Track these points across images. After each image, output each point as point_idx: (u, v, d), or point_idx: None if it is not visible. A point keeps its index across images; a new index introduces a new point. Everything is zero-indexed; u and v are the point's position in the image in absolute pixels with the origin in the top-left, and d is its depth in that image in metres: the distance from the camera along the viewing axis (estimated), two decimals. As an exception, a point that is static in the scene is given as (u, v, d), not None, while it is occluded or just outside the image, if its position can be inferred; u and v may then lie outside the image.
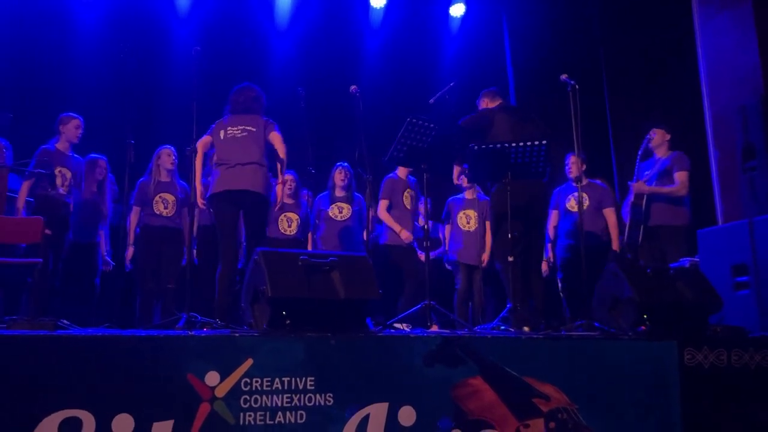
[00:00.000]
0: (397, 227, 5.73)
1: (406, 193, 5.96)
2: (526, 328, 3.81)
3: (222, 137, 4.59)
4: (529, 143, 4.09)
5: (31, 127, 5.64)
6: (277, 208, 5.33)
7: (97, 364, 2.62)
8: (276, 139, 4.63)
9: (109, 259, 5.80)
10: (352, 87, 4.79)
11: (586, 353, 3.35)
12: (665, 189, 5.51)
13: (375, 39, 8.19)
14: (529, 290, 4.48)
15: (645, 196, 5.56)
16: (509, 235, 4.17)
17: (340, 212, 6.04)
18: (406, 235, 5.73)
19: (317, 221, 6.10)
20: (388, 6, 8.07)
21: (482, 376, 3.14)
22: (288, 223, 6.00)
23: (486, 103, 4.93)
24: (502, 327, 3.83)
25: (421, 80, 7.61)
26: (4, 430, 2.47)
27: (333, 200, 6.06)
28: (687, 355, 3.44)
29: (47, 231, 5.00)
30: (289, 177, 5.94)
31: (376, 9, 8.10)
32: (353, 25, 8.14)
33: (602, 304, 3.96)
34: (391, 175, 6.04)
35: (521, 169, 4.21)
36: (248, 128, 4.58)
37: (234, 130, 4.57)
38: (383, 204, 5.86)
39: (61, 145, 5.42)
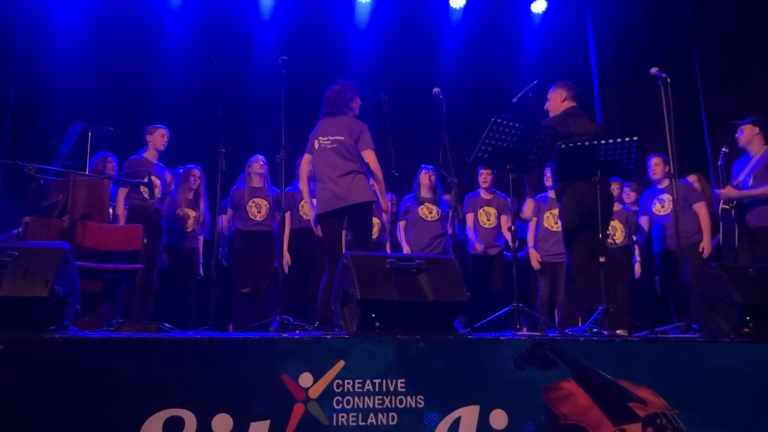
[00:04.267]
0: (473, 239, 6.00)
1: (481, 210, 6.14)
2: (619, 331, 3.70)
3: (316, 147, 4.62)
4: (619, 140, 3.97)
5: (124, 139, 5.92)
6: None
7: (197, 365, 2.73)
8: (369, 157, 4.60)
9: (201, 269, 5.99)
10: (435, 89, 4.79)
11: (685, 356, 3.22)
12: (755, 192, 5.22)
13: (455, 39, 8.16)
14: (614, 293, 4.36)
15: (734, 201, 5.29)
16: (600, 235, 4.06)
17: (430, 213, 6.08)
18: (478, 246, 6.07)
19: (403, 221, 6.16)
20: (467, 5, 8.03)
21: (575, 379, 3.07)
22: None
23: (560, 96, 4.72)
24: (595, 329, 3.72)
25: (504, 79, 7.53)
26: (113, 428, 2.61)
27: (420, 201, 6.11)
28: (795, 358, 3.25)
29: (144, 239, 5.26)
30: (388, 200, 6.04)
31: (455, 9, 8.08)
32: (433, 26, 8.15)
33: (701, 306, 3.80)
34: (472, 193, 6.27)
35: (610, 167, 4.09)
36: (338, 138, 4.55)
37: (325, 141, 4.58)
38: (468, 218, 6.20)
39: (149, 155, 5.67)
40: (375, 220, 6.05)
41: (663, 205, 5.85)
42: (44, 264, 2.92)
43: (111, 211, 5.14)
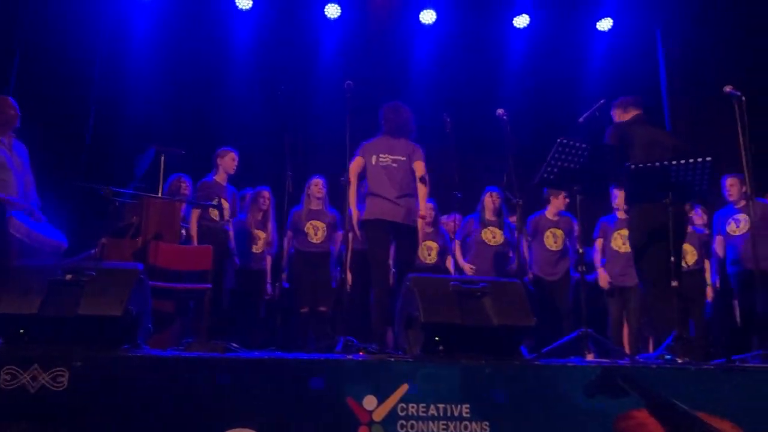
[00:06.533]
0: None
1: (548, 232, 6.00)
2: (688, 359, 3.54)
3: (374, 163, 4.67)
4: (691, 161, 3.84)
5: (197, 162, 6.11)
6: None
7: (264, 385, 2.77)
8: (419, 167, 4.66)
9: (269, 287, 6.08)
10: (499, 110, 4.76)
11: (766, 386, 3.06)
12: None
13: (520, 58, 8.11)
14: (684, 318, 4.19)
15: None
16: (672, 258, 3.92)
17: (494, 237, 6.03)
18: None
19: (460, 241, 6.12)
20: (531, 24, 7.98)
21: (648, 408, 2.96)
22: (428, 252, 6.06)
23: (619, 115, 4.63)
24: (667, 357, 3.58)
25: (570, 99, 7.41)
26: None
27: (485, 224, 6.06)
28: None
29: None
30: (429, 205, 6.01)
31: (519, 29, 8.04)
32: (497, 45, 8.12)
33: (782, 333, 3.62)
34: (536, 214, 6.19)
35: (683, 189, 3.95)
36: (399, 158, 4.63)
37: (385, 159, 4.63)
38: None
39: (219, 177, 5.82)
40: (433, 245, 6.05)
41: (738, 225, 5.62)
42: (119, 284, 3.03)
43: (183, 232, 5.29)
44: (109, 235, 4.75)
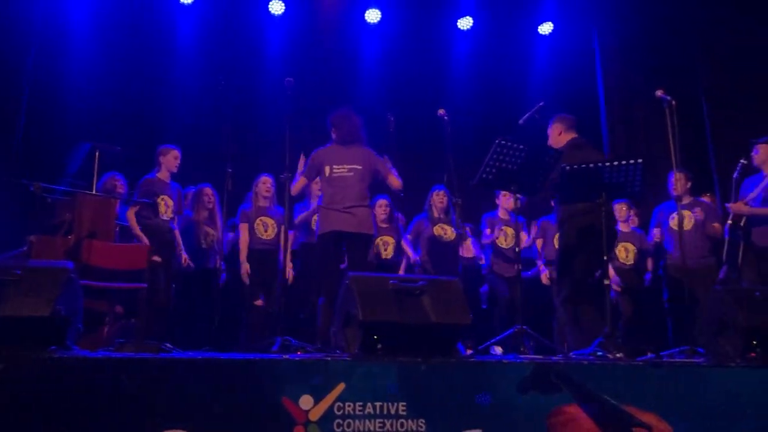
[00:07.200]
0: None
1: (500, 231, 6.19)
2: (619, 355, 3.65)
3: (328, 174, 4.67)
4: (624, 162, 3.95)
5: (134, 159, 5.97)
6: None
7: (197, 386, 2.72)
8: (394, 181, 4.77)
9: (185, 256, 5.82)
10: (440, 110, 4.81)
11: (691, 381, 3.18)
12: (766, 210, 5.20)
13: (463, 60, 8.20)
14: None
15: (744, 217, 5.25)
16: (604, 257, 4.03)
17: (445, 233, 6.09)
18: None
19: (412, 236, 6.16)
20: (475, 26, 8.08)
21: (578, 403, 3.04)
22: (384, 247, 6.09)
23: (557, 130, 4.73)
24: (599, 353, 3.68)
25: (510, 101, 7.54)
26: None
27: (434, 222, 6.12)
28: (803, 384, 3.20)
29: (157, 258, 5.28)
30: (384, 202, 6.07)
31: (463, 30, 8.13)
32: (441, 47, 8.19)
33: (708, 329, 3.76)
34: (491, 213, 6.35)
35: (616, 189, 4.07)
36: (355, 167, 4.66)
37: (340, 169, 4.66)
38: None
39: (162, 175, 5.71)
40: (390, 240, 6.09)
41: (683, 220, 5.80)
42: (47, 283, 2.93)
43: (118, 229, 5.15)
44: (40, 232, 4.59)
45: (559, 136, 4.71)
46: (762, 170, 5.44)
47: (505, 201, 6.21)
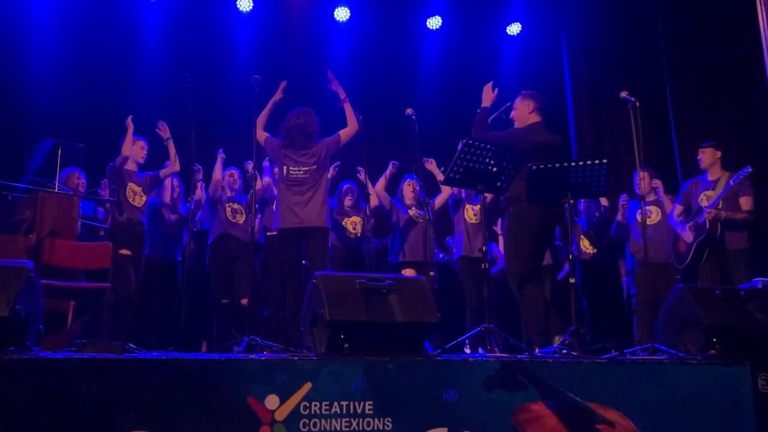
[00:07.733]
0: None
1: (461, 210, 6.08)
2: (574, 353, 3.68)
3: (285, 174, 4.79)
4: (589, 162, 4.00)
5: (100, 153, 5.86)
6: None
7: (161, 387, 2.69)
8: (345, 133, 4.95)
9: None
10: (408, 110, 4.83)
11: (652, 378, 3.24)
12: (739, 215, 5.31)
13: (432, 60, 8.21)
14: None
15: (719, 223, 5.32)
16: (570, 256, 4.08)
17: (419, 219, 6.11)
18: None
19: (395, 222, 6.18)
20: (444, 26, 8.10)
21: (543, 401, 3.07)
22: (353, 226, 6.15)
23: (528, 107, 4.64)
24: (564, 351, 3.72)
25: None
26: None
27: (408, 207, 6.12)
28: (761, 380, 3.28)
29: (126, 251, 5.19)
30: (349, 187, 6.19)
31: (432, 30, 8.14)
32: (410, 47, 8.19)
33: (669, 327, 3.83)
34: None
35: (581, 189, 4.11)
36: (311, 168, 4.78)
37: (296, 171, 4.78)
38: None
39: (129, 166, 5.61)
40: (357, 219, 6.10)
41: (650, 216, 5.89)
42: (6, 283, 2.87)
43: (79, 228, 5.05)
44: (0, 231, 4.49)
45: (528, 113, 4.63)
46: (706, 173, 5.57)
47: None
